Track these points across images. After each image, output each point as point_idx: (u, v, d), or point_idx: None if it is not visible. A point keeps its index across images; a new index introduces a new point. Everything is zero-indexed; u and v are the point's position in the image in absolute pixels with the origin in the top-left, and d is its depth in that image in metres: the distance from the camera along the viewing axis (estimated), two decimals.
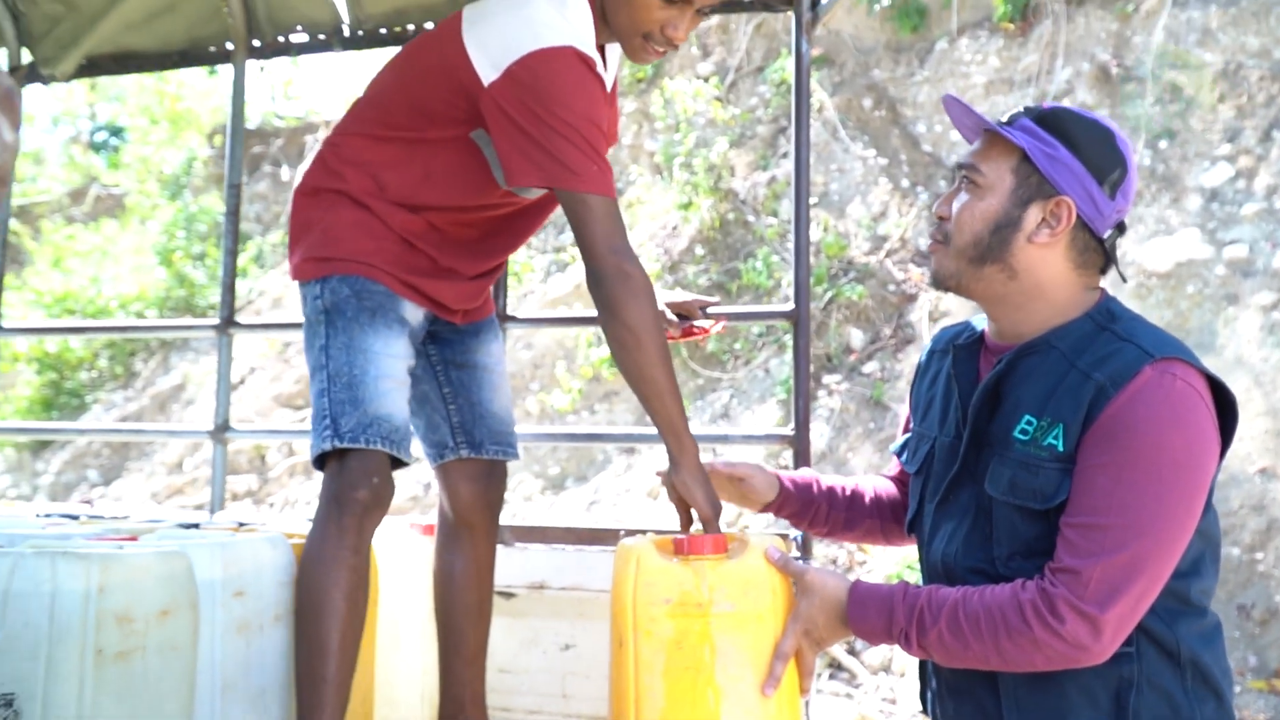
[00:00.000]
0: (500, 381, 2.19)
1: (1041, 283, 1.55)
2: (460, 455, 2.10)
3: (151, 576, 1.53)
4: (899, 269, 7.09)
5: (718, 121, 8.04)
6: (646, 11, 1.84)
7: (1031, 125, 1.55)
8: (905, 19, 8.12)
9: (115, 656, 1.45)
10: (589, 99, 1.80)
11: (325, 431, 1.82)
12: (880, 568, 5.67)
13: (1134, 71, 7.10)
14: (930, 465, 1.68)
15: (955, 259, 1.59)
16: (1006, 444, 1.51)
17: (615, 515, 6.57)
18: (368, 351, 1.87)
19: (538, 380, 7.68)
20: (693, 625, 1.57)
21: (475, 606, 2.12)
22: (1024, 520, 1.49)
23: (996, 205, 1.55)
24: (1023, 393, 1.52)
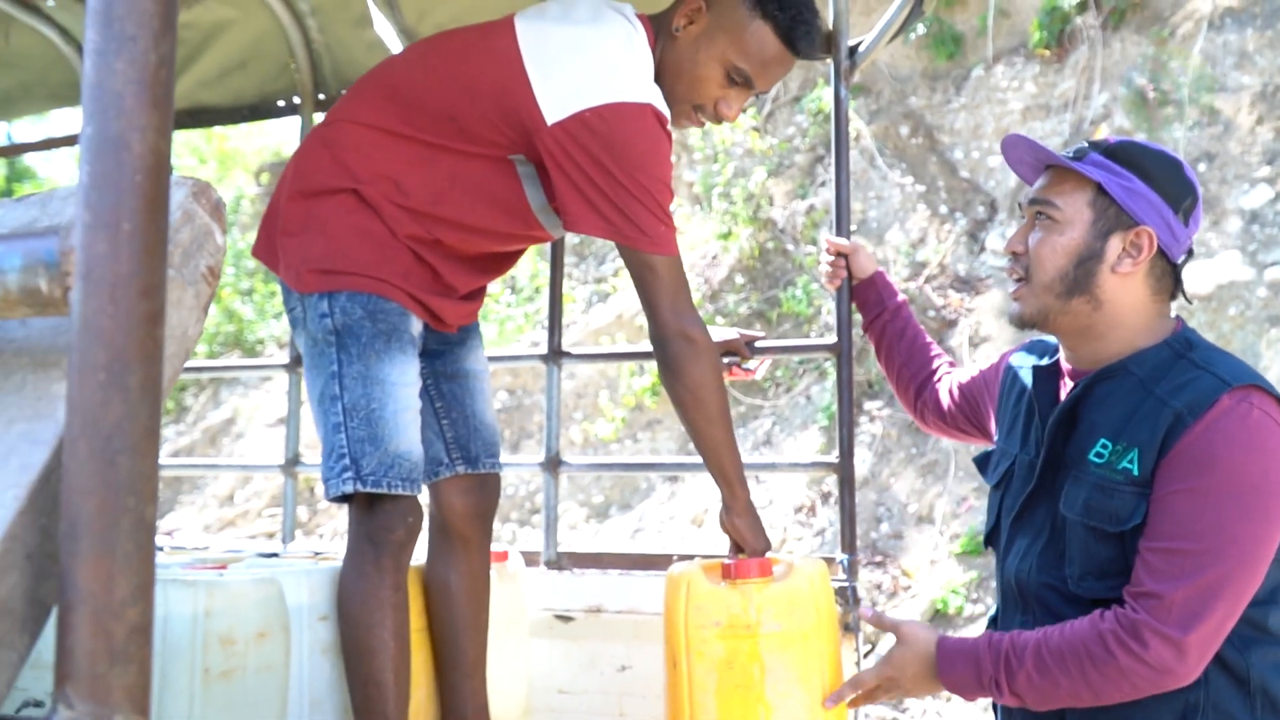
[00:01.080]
0: (488, 388, 2.16)
1: (1123, 311, 1.60)
2: (456, 471, 2.07)
3: (250, 601, 1.65)
4: (938, 295, 7.15)
5: (755, 151, 8.16)
6: (707, 86, 1.85)
7: (1101, 159, 1.61)
8: (941, 47, 8.20)
9: (220, 675, 1.57)
10: (663, 160, 1.79)
11: (345, 473, 1.77)
12: (925, 591, 5.71)
13: (1171, 95, 7.14)
14: (1009, 481, 1.73)
15: (1041, 295, 1.63)
16: (1082, 466, 1.55)
17: (660, 542, 6.65)
18: (385, 383, 1.80)
19: (581, 409, 7.79)
20: (742, 646, 1.64)
21: (472, 619, 2.09)
22: (1097, 541, 1.53)
23: (1078, 238, 1.60)
24: (1099, 416, 1.56)
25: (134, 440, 0.52)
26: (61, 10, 2.94)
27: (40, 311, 0.57)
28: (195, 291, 0.63)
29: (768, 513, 6.48)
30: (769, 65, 1.90)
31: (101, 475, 0.52)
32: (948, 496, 6.10)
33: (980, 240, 7.39)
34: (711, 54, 1.87)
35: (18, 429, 0.58)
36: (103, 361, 0.52)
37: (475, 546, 2.10)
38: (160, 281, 0.53)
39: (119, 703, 0.51)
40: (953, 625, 5.55)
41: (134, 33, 0.53)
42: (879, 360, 2.28)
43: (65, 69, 3.13)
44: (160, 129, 0.54)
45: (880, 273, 2.30)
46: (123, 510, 0.52)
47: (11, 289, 0.56)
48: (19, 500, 0.55)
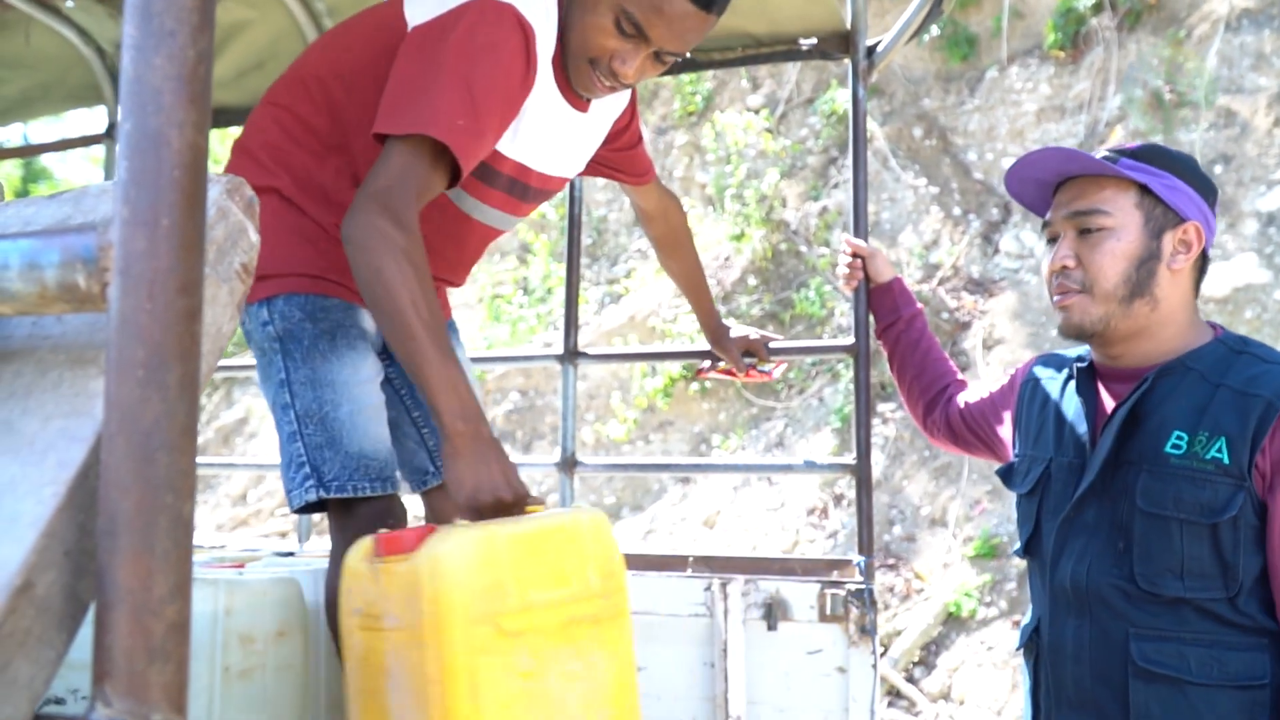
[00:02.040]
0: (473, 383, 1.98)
1: (1175, 308, 1.64)
2: (442, 480, 1.87)
3: (269, 600, 1.65)
4: (952, 297, 7.13)
5: (768, 153, 8.15)
6: (599, 36, 1.64)
7: (1134, 162, 1.64)
8: (955, 48, 8.18)
9: (240, 674, 1.57)
10: (497, 62, 1.57)
11: (307, 481, 1.65)
12: (937, 594, 5.69)
13: (1187, 97, 7.11)
14: (1046, 486, 1.71)
15: (1103, 303, 1.63)
16: (1157, 460, 1.54)
17: (671, 544, 6.65)
18: (335, 384, 1.69)
19: (593, 411, 7.79)
20: (374, 642, 1.34)
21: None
22: (1183, 536, 1.51)
23: (1135, 241, 1.62)
24: (1166, 411, 1.56)
25: (172, 437, 0.52)
26: (81, 11, 2.95)
27: (78, 307, 0.57)
28: (229, 288, 0.63)
29: (779, 515, 6.48)
30: (666, 16, 1.64)
31: (140, 472, 0.52)
32: (961, 499, 6.08)
33: (994, 242, 7.37)
34: (599, 4, 1.66)
35: (55, 425, 0.58)
36: (141, 358, 0.52)
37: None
38: (198, 278, 0.53)
39: (157, 700, 0.51)
40: (966, 629, 5.54)
41: (173, 28, 0.53)
42: (891, 369, 2.28)
43: (84, 70, 3.14)
44: (198, 125, 0.54)
45: (898, 280, 2.30)
46: (161, 507, 0.52)
47: (49, 285, 0.56)
48: (57, 497, 0.55)
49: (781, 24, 2.56)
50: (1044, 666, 1.69)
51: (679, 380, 7.44)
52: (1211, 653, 1.50)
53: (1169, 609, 1.53)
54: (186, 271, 0.53)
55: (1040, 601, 1.72)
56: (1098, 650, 1.58)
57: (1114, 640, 1.56)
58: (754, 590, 2.38)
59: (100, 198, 0.69)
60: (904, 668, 5.47)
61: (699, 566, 2.56)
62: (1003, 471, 1.87)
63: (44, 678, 0.54)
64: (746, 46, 2.63)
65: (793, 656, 2.35)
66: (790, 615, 2.36)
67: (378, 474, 1.68)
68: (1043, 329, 6.51)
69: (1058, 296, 1.70)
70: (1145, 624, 1.54)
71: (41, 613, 0.54)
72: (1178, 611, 1.52)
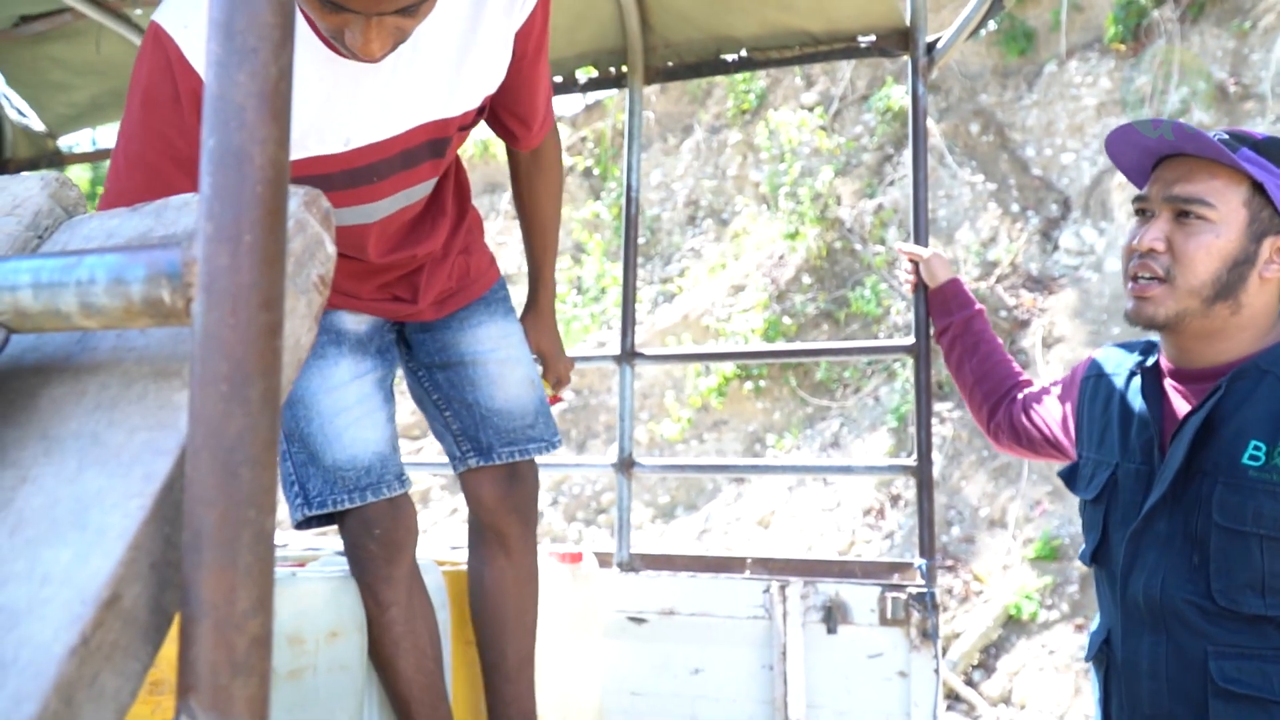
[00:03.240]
0: (502, 371, 1.90)
1: (1257, 315, 1.54)
2: (470, 465, 1.89)
3: (321, 600, 1.67)
4: (1010, 295, 7.03)
5: (823, 150, 8.09)
6: (317, 19, 1.40)
7: (1255, 156, 1.52)
8: (1013, 42, 8.07)
9: (288, 675, 1.59)
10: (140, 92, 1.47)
11: (297, 499, 1.70)
12: (997, 596, 5.62)
13: (1252, 90, 6.94)
14: (1113, 493, 1.63)
15: (1184, 299, 1.54)
16: (1234, 471, 1.46)
17: (726, 543, 6.63)
18: (304, 399, 1.70)
19: (647, 410, 7.79)
20: None
21: (514, 619, 1.92)
22: (1264, 552, 1.44)
23: (1234, 240, 1.52)
24: (1243, 419, 1.48)
25: (255, 452, 0.53)
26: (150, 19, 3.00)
27: (162, 322, 0.57)
28: (307, 300, 0.63)
29: (835, 515, 6.44)
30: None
31: (223, 487, 0.52)
32: (1020, 500, 6.00)
33: (1053, 239, 7.25)
34: None
35: (140, 438, 0.59)
36: (224, 373, 0.53)
37: (515, 542, 1.91)
38: (279, 293, 0.54)
39: (240, 713, 0.52)
40: (1026, 631, 5.46)
41: (255, 45, 0.54)
42: (950, 372, 2.18)
43: None
44: (280, 141, 0.54)
45: (955, 280, 2.21)
46: (244, 522, 0.52)
47: (135, 300, 0.57)
48: (144, 510, 0.56)
49: (840, 22, 2.54)
50: (1116, 680, 1.62)
51: (733, 379, 7.42)
52: None
53: (1249, 626, 1.46)
54: (268, 286, 0.53)
55: (1110, 612, 1.64)
56: (1175, 668, 1.51)
57: (1192, 658, 1.49)
58: (813, 593, 2.37)
59: (182, 210, 0.70)
60: (963, 671, 5.41)
61: (757, 568, 2.55)
62: (1066, 473, 1.79)
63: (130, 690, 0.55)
64: (804, 45, 2.62)
65: (853, 660, 2.33)
66: (850, 618, 2.34)
67: (354, 484, 1.68)
68: (1104, 327, 6.39)
69: (1134, 283, 1.59)
70: (1225, 641, 1.47)
71: (128, 625, 0.55)
72: (1259, 629, 1.45)
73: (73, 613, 0.53)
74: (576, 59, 2.80)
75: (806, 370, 7.28)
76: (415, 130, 1.63)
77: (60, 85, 3.35)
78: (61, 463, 0.60)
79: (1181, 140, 1.54)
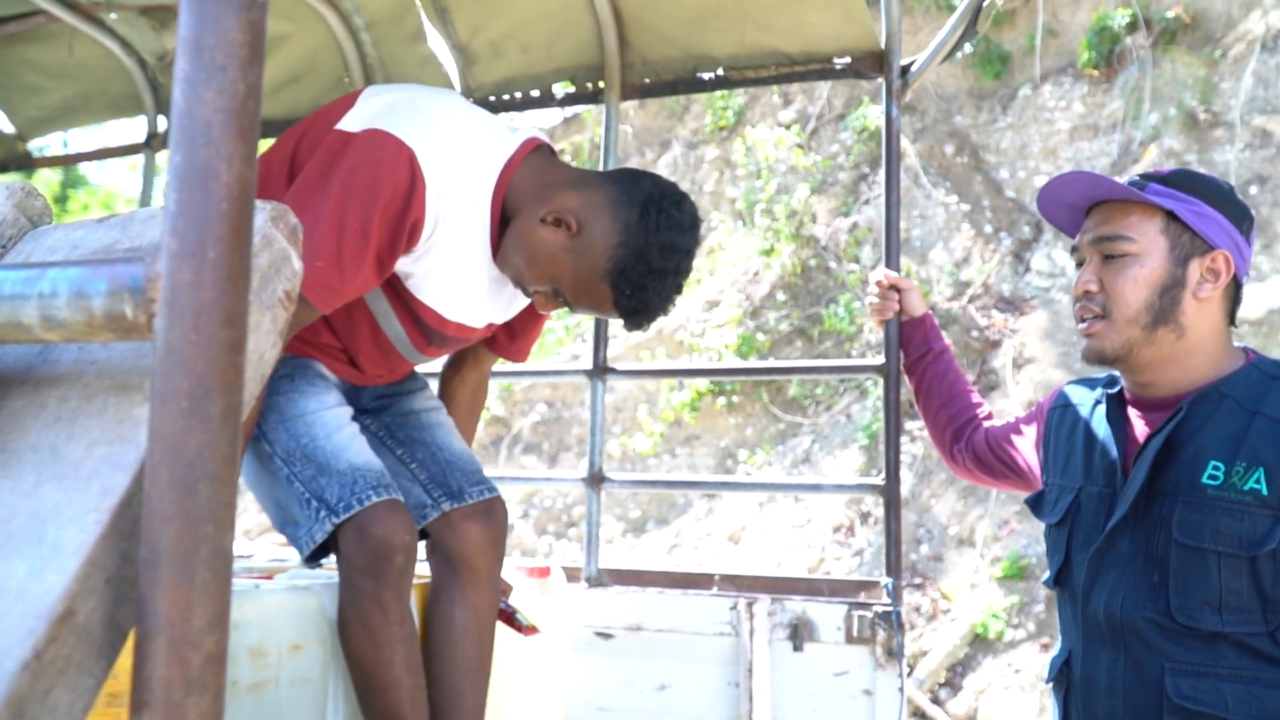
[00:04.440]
0: (450, 422, 2.03)
1: (1204, 336, 1.59)
2: (444, 509, 1.90)
3: (284, 612, 1.65)
4: (982, 315, 7.09)
5: (799, 168, 8.14)
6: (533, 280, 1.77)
7: (1162, 188, 1.60)
8: (988, 66, 8.15)
9: (249, 688, 1.57)
10: (375, 201, 1.60)
11: (320, 514, 1.65)
12: (964, 614, 5.65)
13: (1222, 117, 7.05)
14: (1076, 516, 1.67)
15: (1124, 329, 1.60)
16: (1194, 490, 1.51)
17: (696, 559, 6.63)
18: (305, 416, 1.72)
19: (619, 424, 7.79)
20: None
21: (475, 661, 1.89)
22: (1221, 569, 1.48)
23: (1159, 268, 1.58)
24: (1202, 440, 1.52)
25: (214, 468, 0.53)
26: (124, 24, 2.99)
27: (124, 336, 0.57)
28: (272, 316, 0.63)
29: (805, 531, 6.45)
30: (589, 309, 1.80)
31: (182, 503, 0.52)
32: (989, 519, 6.04)
33: (1025, 261, 7.32)
34: (551, 266, 1.75)
35: (100, 452, 0.59)
36: (185, 389, 0.53)
37: (484, 579, 1.92)
38: (243, 309, 0.54)
39: None
40: (993, 650, 5.49)
41: (223, 62, 0.54)
42: (916, 402, 2.25)
43: (126, 80, 3.18)
44: (247, 158, 0.54)
45: (929, 314, 2.29)
46: (202, 539, 0.52)
47: (97, 314, 0.56)
48: (101, 525, 0.56)
49: (816, 43, 2.56)
50: (1075, 700, 1.65)
51: (706, 394, 7.43)
52: (1250, 689, 1.46)
53: (1206, 644, 1.49)
54: (231, 303, 0.53)
55: (1071, 634, 1.68)
56: (1132, 685, 1.54)
57: (1149, 675, 1.52)
58: (780, 610, 2.37)
59: (148, 223, 0.70)
60: (929, 689, 5.43)
61: (725, 585, 2.55)
62: (1031, 500, 1.83)
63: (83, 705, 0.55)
64: (781, 65, 2.63)
65: (819, 677, 2.34)
66: (816, 636, 2.35)
67: (377, 480, 1.68)
68: (1073, 348, 6.46)
69: (1082, 323, 1.68)
70: (1181, 659, 1.50)
71: (82, 640, 0.55)
72: (1215, 646, 1.49)
73: (26, 627, 0.53)
74: (554, 74, 2.81)
75: (779, 387, 7.30)
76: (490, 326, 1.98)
77: (32, 88, 3.33)
78: (19, 476, 0.59)
79: (1092, 188, 1.65)
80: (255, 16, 0.55)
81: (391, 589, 1.66)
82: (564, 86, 2.84)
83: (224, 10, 0.55)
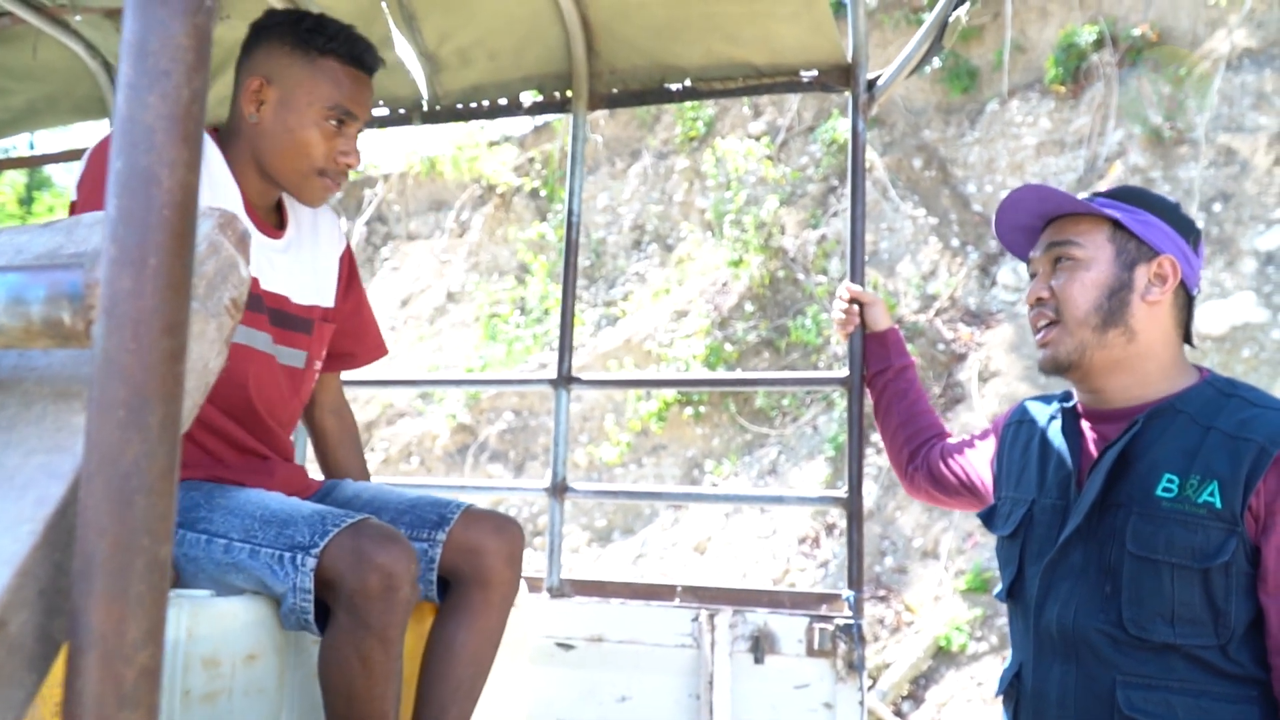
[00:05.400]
0: (386, 488, 2.00)
1: (1154, 342, 1.63)
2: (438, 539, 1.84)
3: (239, 622, 1.62)
4: (948, 328, 7.14)
5: (768, 180, 8.18)
6: (315, 145, 1.81)
7: (1107, 200, 1.66)
8: (956, 80, 8.22)
9: (202, 698, 1.54)
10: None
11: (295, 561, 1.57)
12: (928, 627, 5.67)
13: (1187, 135, 7.15)
14: (1029, 528, 1.69)
15: (1076, 332, 1.64)
16: (1148, 503, 1.52)
17: (662, 568, 6.62)
18: (249, 497, 1.69)
19: (586, 433, 7.78)
20: None
21: (468, 682, 1.84)
22: (1175, 580, 1.49)
23: (1106, 272, 1.63)
24: (1157, 454, 1.55)
25: (151, 480, 0.52)
26: (88, 26, 2.95)
27: (62, 343, 0.56)
28: (218, 324, 0.62)
29: (771, 543, 6.46)
30: (355, 93, 1.86)
31: (117, 515, 0.51)
32: (954, 532, 6.07)
33: (992, 275, 7.39)
34: (301, 115, 1.81)
35: (36, 461, 0.57)
36: (122, 398, 0.52)
37: (497, 599, 1.85)
38: (183, 318, 0.53)
39: None
40: (956, 663, 5.52)
41: (167, 68, 0.53)
42: (875, 417, 2.26)
43: (90, 83, 3.14)
44: (190, 164, 0.53)
45: (894, 329, 2.30)
46: (137, 550, 0.51)
47: (35, 320, 0.55)
48: (34, 535, 0.55)
49: (783, 55, 2.57)
50: (1026, 713, 1.65)
51: (673, 405, 7.44)
52: (1199, 702, 1.48)
53: (1157, 656, 1.50)
54: (172, 312, 0.52)
55: (1023, 646, 1.68)
56: (1083, 697, 1.55)
57: (1100, 687, 1.53)
58: (742, 622, 2.37)
59: (93, 228, 0.69)
60: (892, 701, 5.45)
61: (687, 597, 2.55)
62: (984, 514, 1.84)
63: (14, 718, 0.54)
64: (748, 77, 2.64)
65: (779, 690, 2.33)
66: (778, 648, 2.35)
67: (343, 516, 1.61)
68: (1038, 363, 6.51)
69: (1038, 334, 1.72)
70: (1132, 671, 1.51)
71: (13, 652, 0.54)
72: (1165, 659, 1.50)
73: None
74: (521, 82, 2.80)
75: (746, 398, 7.31)
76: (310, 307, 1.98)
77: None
78: None
79: (1041, 203, 1.70)
80: (201, 21, 0.54)
81: (397, 626, 1.57)
82: (532, 95, 2.83)
83: (169, 14, 0.54)
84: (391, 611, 1.55)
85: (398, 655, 1.60)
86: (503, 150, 10.04)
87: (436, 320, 9.28)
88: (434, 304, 9.39)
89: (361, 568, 1.53)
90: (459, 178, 9.99)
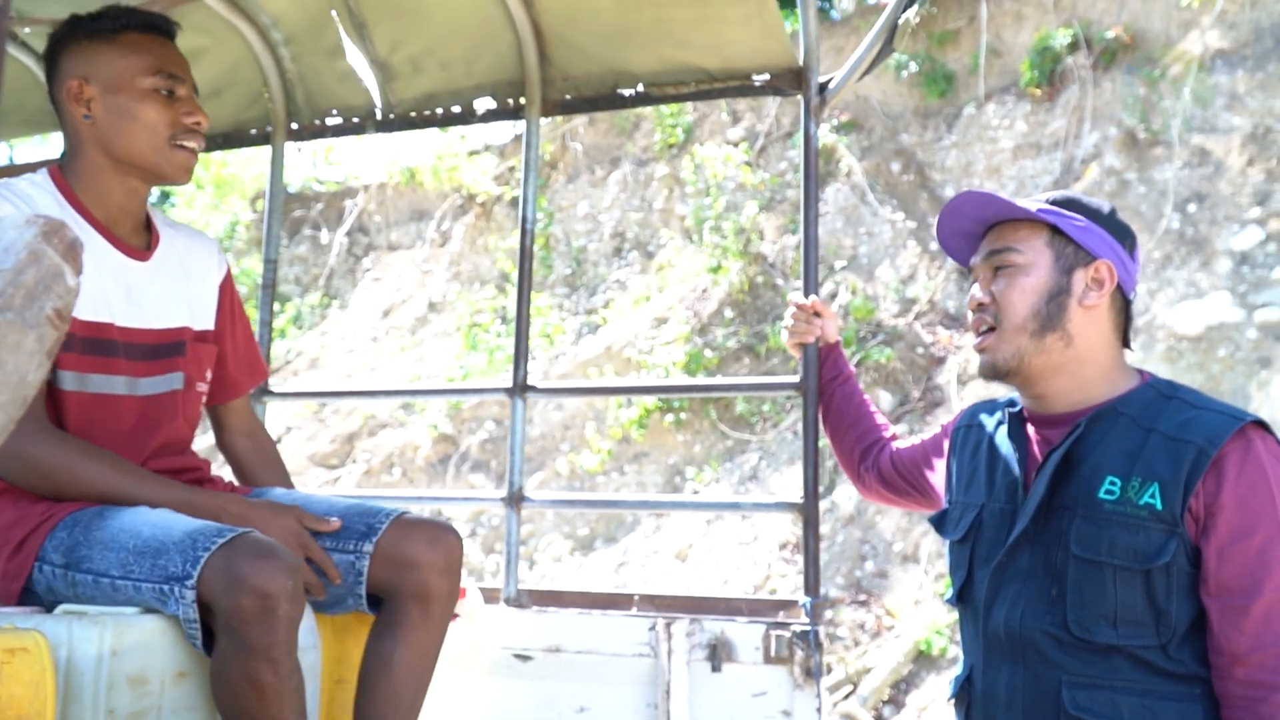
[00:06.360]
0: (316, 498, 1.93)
1: (1094, 346, 1.64)
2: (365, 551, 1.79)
3: (168, 639, 1.58)
4: (927, 332, 7.14)
5: (747, 186, 8.17)
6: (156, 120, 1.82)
7: (1047, 207, 1.67)
8: (933, 84, 8.24)
9: (128, 717, 1.51)
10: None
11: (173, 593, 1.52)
12: (908, 632, 5.65)
13: (1162, 136, 7.16)
14: (978, 532, 1.70)
15: (1014, 338, 1.65)
16: (1091, 505, 1.54)
17: (644, 577, 6.60)
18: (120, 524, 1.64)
19: (567, 441, 7.75)
20: None
21: (409, 699, 1.80)
22: (1117, 582, 1.50)
23: (1044, 277, 1.64)
24: (1099, 456, 1.56)
25: None
26: (37, 37, 2.93)
27: None
28: (38, 335, 0.60)
29: (752, 549, 6.44)
30: (166, 56, 1.88)
31: None
32: (934, 536, 6.06)
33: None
34: (130, 92, 1.82)
35: None
36: None
37: (437, 612, 1.82)
38: None
39: None
40: (936, 667, 5.50)
41: None
42: (824, 425, 2.28)
43: (41, 96, 3.12)
44: None
45: (839, 342, 2.34)
46: None
47: None
48: None
49: (734, 60, 2.56)
50: (976, 716, 1.67)
51: (654, 411, 7.42)
52: (1144, 701, 1.49)
53: (1101, 657, 1.51)
54: None
55: (973, 650, 1.69)
56: (1030, 698, 1.56)
57: (1047, 688, 1.54)
58: (699, 631, 2.34)
59: None
60: (873, 706, 5.43)
61: (644, 606, 2.52)
62: (935, 519, 1.85)
63: None
64: (700, 82, 2.63)
65: (737, 698, 2.31)
66: (735, 656, 2.33)
67: (217, 532, 1.56)
68: None
69: (977, 340, 1.72)
70: (1078, 671, 1.52)
71: None
72: (1110, 660, 1.51)
73: None
74: (475, 89, 2.78)
75: (727, 404, 7.30)
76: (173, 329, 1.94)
77: None
78: None
79: (982, 209, 1.71)
80: None
81: (282, 644, 1.51)
82: (486, 102, 2.82)
83: None
84: (272, 631, 1.49)
85: (290, 672, 1.55)
86: (483, 159, 10.03)
87: (418, 330, 9.25)
88: (415, 314, 9.37)
89: (234, 590, 1.48)
90: (439, 187, 9.97)
